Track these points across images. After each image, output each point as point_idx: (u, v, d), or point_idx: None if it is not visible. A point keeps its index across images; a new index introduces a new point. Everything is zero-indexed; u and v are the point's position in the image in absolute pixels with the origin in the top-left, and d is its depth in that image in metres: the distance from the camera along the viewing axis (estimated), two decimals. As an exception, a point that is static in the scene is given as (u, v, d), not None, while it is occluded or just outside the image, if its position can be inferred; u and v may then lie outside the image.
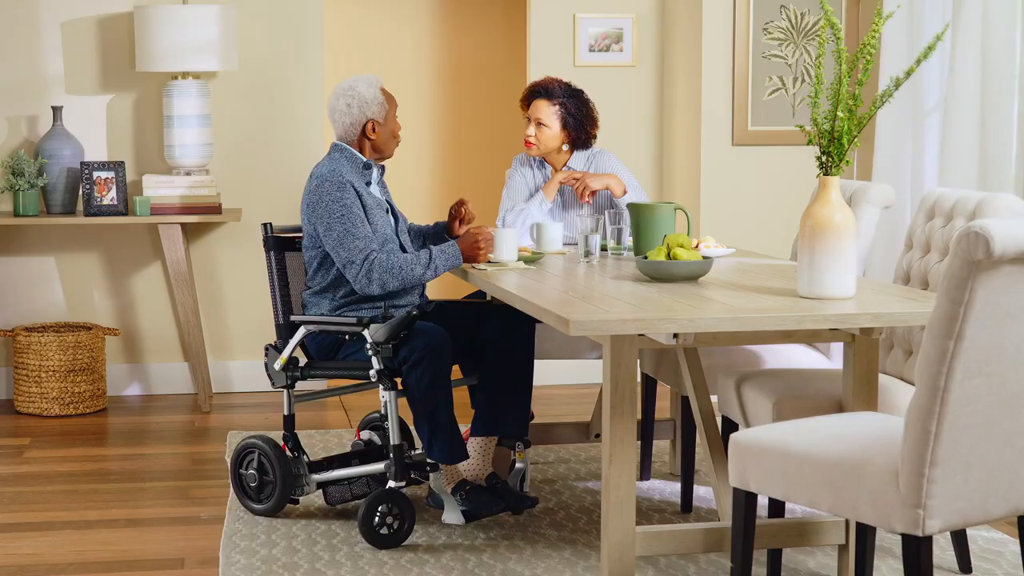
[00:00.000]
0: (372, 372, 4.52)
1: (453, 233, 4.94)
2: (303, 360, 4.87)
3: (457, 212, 4.92)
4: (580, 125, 5.34)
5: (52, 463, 5.51)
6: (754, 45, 6.56)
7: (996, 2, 5.64)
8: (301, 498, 4.86)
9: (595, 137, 5.41)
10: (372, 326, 4.51)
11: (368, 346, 4.52)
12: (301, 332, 4.66)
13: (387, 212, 4.78)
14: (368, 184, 4.77)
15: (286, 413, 4.76)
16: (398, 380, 4.58)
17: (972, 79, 5.70)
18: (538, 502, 4.81)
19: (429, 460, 4.58)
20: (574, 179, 5.30)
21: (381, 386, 4.53)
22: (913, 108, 6.04)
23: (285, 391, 4.75)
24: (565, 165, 5.41)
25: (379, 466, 4.58)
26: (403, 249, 4.78)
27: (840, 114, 3.79)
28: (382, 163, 4.86)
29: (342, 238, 4.58)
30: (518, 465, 4.81)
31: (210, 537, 4.58)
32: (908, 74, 3.78)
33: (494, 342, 4.76)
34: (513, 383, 4.77)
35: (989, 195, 4.28)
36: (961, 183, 5.71)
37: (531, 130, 5.34)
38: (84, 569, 4.29)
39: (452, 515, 4.64)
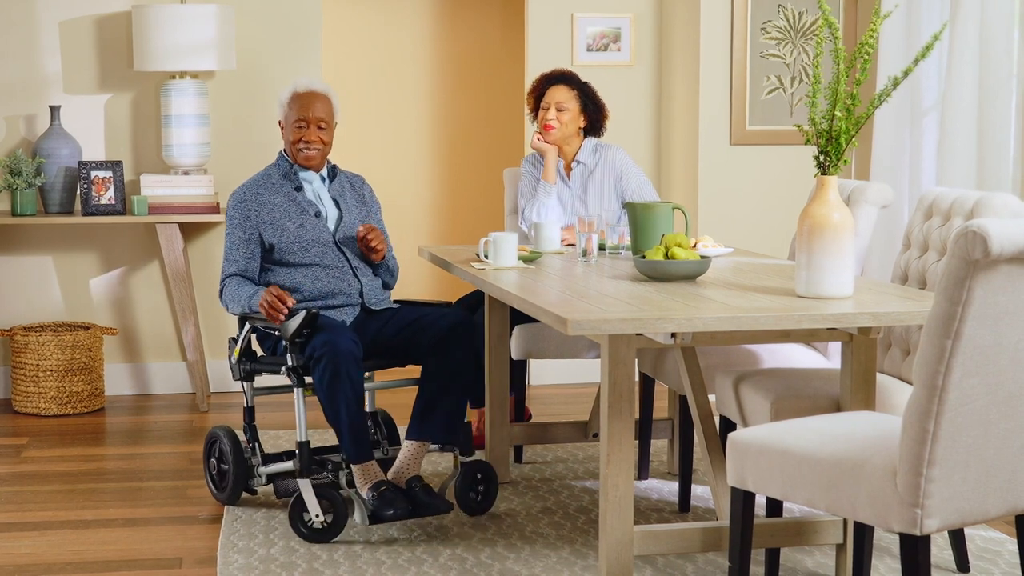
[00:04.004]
0: (283, 368, 4.58)
1: (368, 256, 4.84)
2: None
3: (363, 242, 4.79)
4: (597, 109, 5.49)
5: (50, 463, 5.51)
6: (752, 44, 6.56)
7: (994, 2, 5.64)
8: (259, 489, 4.91)
9: (605, 127, 5.53)
10: (285, 323, 4.54)
11: (284, 343, 4.60)
12: (248, 325, 4.76)
13: (317, 215, 4.79)
14: (299, 189, 4.82)
15: (246, 405, 4.80)
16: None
17: (970, 79, 5.70)
18: (448, 510, 4.55)
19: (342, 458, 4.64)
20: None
21: (293, 383, 4.59)
22: (911, 107, 6.04)
23: (242, 383, 4.80)
24: (575, 156, 5.45)
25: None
26: (339, 249, 4.79)
27: (838, 113, 3.79)
28: (329, 167, 4.89)
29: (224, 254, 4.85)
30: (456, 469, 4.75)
31: (208, 537, 4.58)
32: (906, 73, 3.77)
33: (434, 345, 4.68)
34: (447, 388, 4.66)
35: (987, 194, 4.28)
36: (959, 182, 5.71)
37: (551, 114, 5.41)
38: (82, 569, 4.29)
39: (359, 515, 4.60)
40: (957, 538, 4.19)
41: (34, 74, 6.54)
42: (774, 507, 3.93)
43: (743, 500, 3.52)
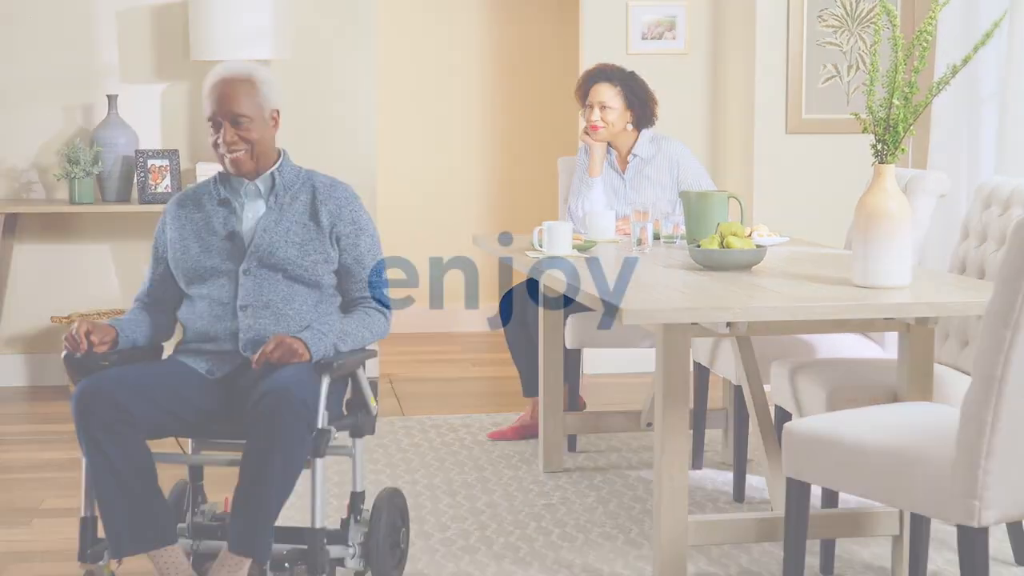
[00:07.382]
0: None
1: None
2: None
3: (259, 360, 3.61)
4: (643, 103, 5.44)
5: (107, 449, 5.54)
6: (808, 32, 6.52)
7: (1055, -12, 5.58)
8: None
9: (656, 115, 5.45)
10: None
11: None
12: None
13: (230, 237, 3.77)
14: (225, 202, 3.82)
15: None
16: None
17: (1030, 66, 5.65)
18: None
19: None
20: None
21: None
22: (969, 96, 5.99)
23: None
24: (631, 150, 5.42)
25: None
26: (236, 280, 3.75)
27: (896, 102, 3.76)
28: (265, 174, 3.86)
29: None
30: None
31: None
32: (965, 61, 3.74)
33: (248, 417, 3.54)
34: (250, 479, 3.54)
35: (1047, 183, 4.24)
36: (1018, 171, 5.66)
37: (595, 115, 5.36)
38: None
39: None
40: (1016, 530, 4.16)
41: (91, 64, 6.60)
42: (830, 498, 3.91)
43: (798, 491, 3.51)
